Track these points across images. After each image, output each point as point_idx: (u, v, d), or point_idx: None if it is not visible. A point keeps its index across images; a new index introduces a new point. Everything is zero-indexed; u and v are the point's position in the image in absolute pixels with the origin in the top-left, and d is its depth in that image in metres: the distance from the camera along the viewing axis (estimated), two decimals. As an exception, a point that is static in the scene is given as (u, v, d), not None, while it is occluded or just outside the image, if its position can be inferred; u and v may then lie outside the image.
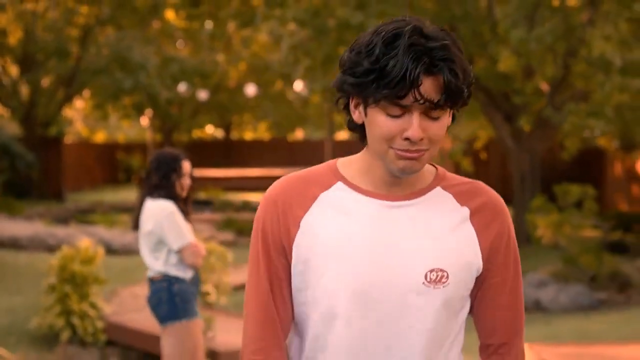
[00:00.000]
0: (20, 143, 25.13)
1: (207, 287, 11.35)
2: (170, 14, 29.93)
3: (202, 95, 33.20)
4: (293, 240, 2.19)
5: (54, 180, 28.79)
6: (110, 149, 40.70)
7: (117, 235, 17.25)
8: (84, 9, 25.82)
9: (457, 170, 20.95)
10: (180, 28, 31.17)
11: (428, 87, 2.00)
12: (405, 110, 2.03)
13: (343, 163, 2.26)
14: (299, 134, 50.67)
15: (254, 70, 34.69)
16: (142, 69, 24.56)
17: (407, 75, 1.97)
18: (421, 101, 2.00)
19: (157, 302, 5.74)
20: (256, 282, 2.23)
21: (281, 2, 14.65)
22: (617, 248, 18.23)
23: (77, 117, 41.14)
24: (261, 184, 31.88)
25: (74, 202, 28.37)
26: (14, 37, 26.34)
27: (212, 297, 11.48)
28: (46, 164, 27.51)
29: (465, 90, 2.05)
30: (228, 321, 10.49)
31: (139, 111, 31.90)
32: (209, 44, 32.28)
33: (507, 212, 2.26)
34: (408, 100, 2.01)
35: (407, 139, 2.05)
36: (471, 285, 2.23)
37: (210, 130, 48.65)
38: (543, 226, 15.66)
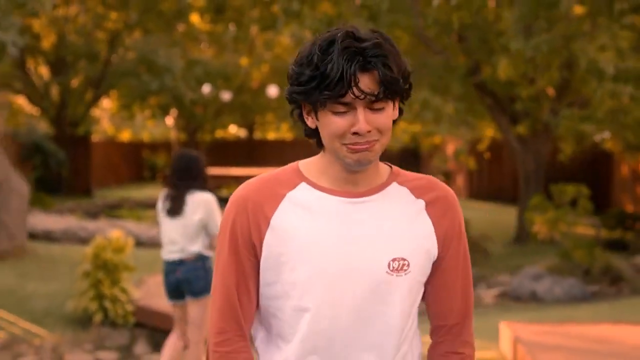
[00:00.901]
0: (51, 142, 26.21)
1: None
2: (195, 18, 30.81)
3: (226, 96, 34.07)
4: (263, 237, 2.29)
5: (83, 177, 29.88)
6: (135, 148, 41.63)
7: (144, 229, 18.28)
8: (113, 15, 26.84)
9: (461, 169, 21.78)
10: (205, 31, 32.04)
11: (366, 82, 2.15)
12: (350, 107, 2.18)
13: (304, 165, 2.39)
14: None
15: (276, 71, 35.32)
16: (167, 72, 25.59)
17: (344, 75, 2.13)
18: (361, 97, 2.15)
19: (195, 278, 6.84)
20: (222, 278, 2.34)
21: (297, 13, 15.65)
22: (617, 246, 19.18)
23: (104, 116, 42.09)
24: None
25: (102, 198, 29.43)
26: (48, 41, 27.35)
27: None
28: (75, 162, 28.58)
29: (401, 81, 2.21)
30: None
31: (164, 111, 32.92)
32: (232, 47, 33.15)
33: (458, 205, 2.43)
34: (349, 97, 2.15)
35: (355, 133, 2.19)
36: (428, 271, 2.37)
37: (234, 130, 49.41)
38: (539, 223, 16.60)
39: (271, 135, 50.50)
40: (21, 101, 31.86)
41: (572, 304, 13.18)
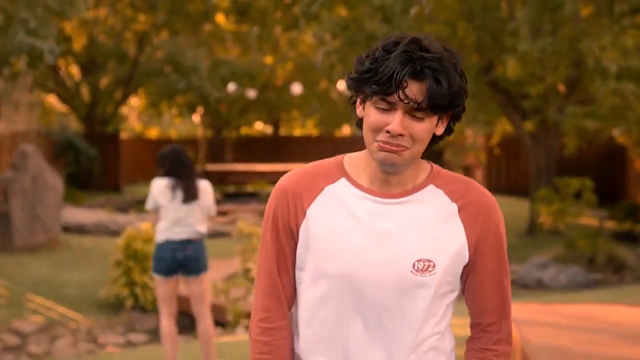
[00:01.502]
0: (82, 139, 27.16)
1: (250, 264, 13.09)
2: (220, 18, 31.61)
3: (251, 94, 34.85)
4: (300, 225, 2.41)
5: (112, 173, 30.80)
6: (163, 145, 42.31)
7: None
8: (141, 17, 27.77)
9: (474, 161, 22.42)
10: (230, 31, 32.84)
11: (413, 89, 2.22)
12: (392, 107, 2.24)
13: (349, 159, 2.49)
14: (345, 130, 52.06)
15: (300, 69, 36.15)
16: (194, 71, 26.47)
17: (394, 76, 2.20)
18: (405, 101, 2.21)
19: (202, 256, 7.74)
20: (265, 261, 2.47)
21: (316, 16, 16.47)
22: (626, 237, 19.88)
23: (132, 114, 42.95)
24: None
25: (130, 194, 30.33)
26: (79, 43, 28.30)
27: (253, 273, 13.21)
28: (105, 159, 29.49)
29: (449, 99, 2.25)
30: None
31: (191, 110, 33.76)
32: (257, 46, 33.91)
33: (496, 209, 2.45)
34: (393, 98, 2.22)
35: (388, 132, 2.25)
36: (458, 273, 2.42)
37: (259, 127, 50.13)
38: (545, 214, 17.32)
39: (297, 132, 51.10)
40: (52, 100, 32.82)
41: (575, 291, 13.82)
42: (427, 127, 2.27)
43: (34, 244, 16.09)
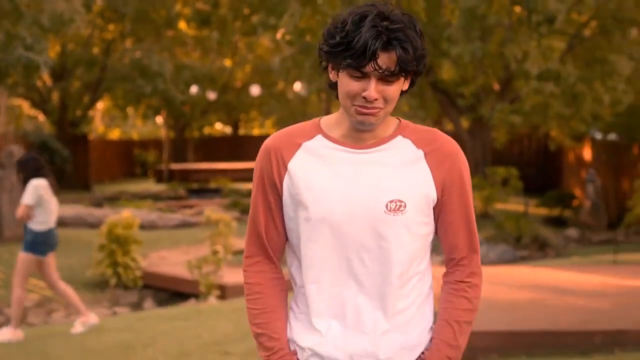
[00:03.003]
0: (55, 140, 28.88)
1: (217, 247, 14.90)
2: (182, 24, 33.27)
3: (211, 96, 36.34)
4: (283, 178, 2.63)
5: (82, 172, 32.41)
6: (127, 146, 43.60)
7: (144, 214, 20.86)
8: (110, 26, 29.50)
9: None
10: (191, 36, 34.46)
11: (384, 59, 2.41)
12: (365, 75, 2.44)
13: (324, 119, 2.70)
14: None
15: (258, 71, 37.65)
16: (159, 76, 28.34)
17: (367, 49, 2.39)
18: (380, 70, 2.42)
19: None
20: (254, 214, 2.72)
21: (274, 26, 18.42)
22: (557, 221, 22.13)
23: (96, 116, 44.25)
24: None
25: (100, 191, 32.03)
26: (53, 52, 29.82)
27: (221, 254, 14.98)
28: (75, 159, 31.12)
29: (415, 63, 2.48)
30: (231, 270, 14.09)
31: (155, 112, 35.45)
32: (216, 50, 35.54)
33: (459, 153, 2.66)
34: (367, 69, 2.42)
35: (364, 98, 2.45)
36: (429, 212, 2.62)
37: (219, 127, 51.66)
38: (476, 199, 19.39)
39: (256, 132, 52.60)
40: (24, 104, 34.35)
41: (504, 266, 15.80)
42: (398, 88, 2.50)
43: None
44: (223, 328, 9.43)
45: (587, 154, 27.23)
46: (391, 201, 2.54)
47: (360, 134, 2.60)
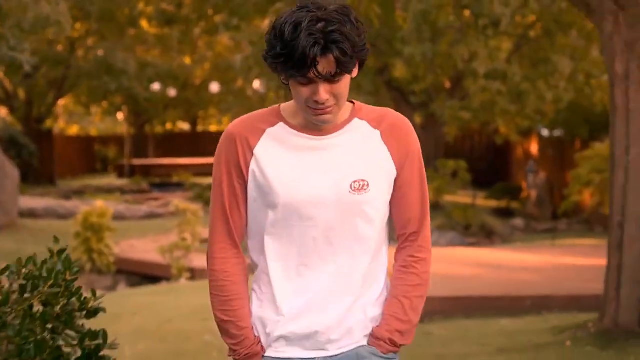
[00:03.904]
0: (23, 136, 29.71)
1: (186, 235, 15.90)
2: (144, 23, 34.08)
3: (172, 92, 36.95)
4: (249, 164, 2.68)
5: (47, 167, 33.26)
6: (87, 142, 44.33)
7: (112, 206, 21.73)
8: (77, 25, 30.30)
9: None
10: (153, 34, 35.25)
11: (324, 64, 2.47)
12: (311, 80, 2.51)
13: (284, 107, 2.75)
14: None
15: (217, 69, 38.09)
16: (124, 74, 29.30)
17: (306, 58, 2.44)
18: (320, 76, 2.48)
19: None
20: (218, 200, 2.75)
21: (236, 27, 19.50)
22: (504, 212, 23.48)
23: (58, 112, 44.88)
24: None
25: (65, 186, 32.89)
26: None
27: (189, 242, 15.93)
28: (41, 154, 31.96)
29: (356, 57, 2.53)
30: (199, 256, 15.11)
31: (117, 109, 36.27)
32: (177, 47, 36.36)
33: (410, 129, 2.76)
34: (310, 75, 2.48)
35: (315, 101, 2.54)
36: (390, 190, 2.72)
37: (180, 124, 52.34)
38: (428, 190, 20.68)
39: (213, 128, 53.45)
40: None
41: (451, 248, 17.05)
42: (346, 82, 2.56)
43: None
44: (199, 300, 10.49)
45: (534, 148, 28.63)
46: (355, 181, 2.63)
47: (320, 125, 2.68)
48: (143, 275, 15.57)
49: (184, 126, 51.12)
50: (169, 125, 48.36)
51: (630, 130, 7.36)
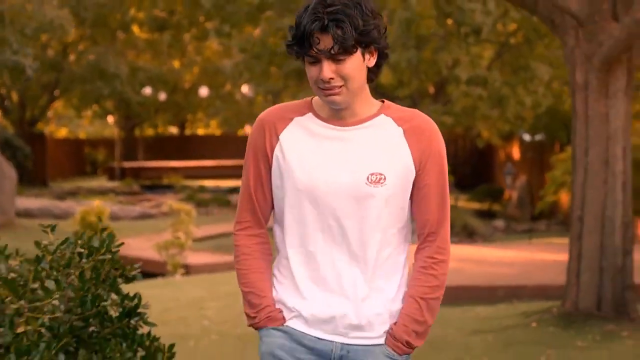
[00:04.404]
0: (17, 138, 30.35)
1: (179, 234, 16.60)
2: (135, 28, 34.73)
3: (161, 96, 37.56)
4: (274, 149, 2.80)
5: (40, 169, 33.92)
6: (77, 145, 45.11)
7: (106, 206, 22.48)
8: (72, 31, 30.97)
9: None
10: (143, 39, 35.89)
11: (324, 41, 2.59)
12: (317, 59, 2.63)
13: (316, 99, 2.85)
14: (247, 130, 54.45)
15: (206, 73, 38.94)
16: (117, 78, 30.00)
17: (306, 35, 2.59)
18: (320, 53, 2.60)
19: None
20: (245, 182, 2.88)
21: (228, 34, 20.23)
22: (486, 214, 24.32)
23: (50, 116, 45.45)
24: (215, 173, 37.03)
25: (58, 187, 33.57)
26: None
27: (182, 240, 16.63)
28: (34, 156, 32.59)
29: (359, 38, 2.60)
30: (193, 254, 15.89)
31: (107, 112, 36.93)
32: (167, 52, 36.98)
33: (437, 133, 2.81)
34: (312, 52, 2.61)
35: (322, 79, 2.64)
36: (408, 187, 2.78)
37: (170, 127, 52.83)
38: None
39: (200, 132, 54.12)
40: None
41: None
42: (352, 64, 2.62)
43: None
44: (196, 293, 11.24)
45: (516, 152, 29.49)
46: (372, 174, 2.70)
47: (341, 114, 2.75)
48: (139, 271, 16.23)
49: (173, 130, 51.70)
50: (161, 128, 48.84)
51: (589, 134, 8.16)
